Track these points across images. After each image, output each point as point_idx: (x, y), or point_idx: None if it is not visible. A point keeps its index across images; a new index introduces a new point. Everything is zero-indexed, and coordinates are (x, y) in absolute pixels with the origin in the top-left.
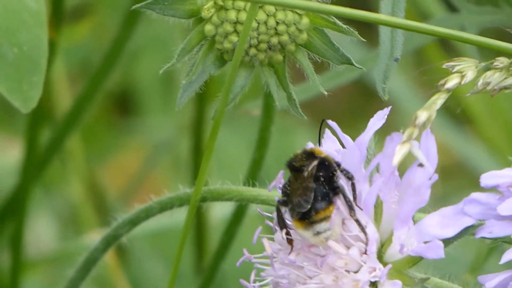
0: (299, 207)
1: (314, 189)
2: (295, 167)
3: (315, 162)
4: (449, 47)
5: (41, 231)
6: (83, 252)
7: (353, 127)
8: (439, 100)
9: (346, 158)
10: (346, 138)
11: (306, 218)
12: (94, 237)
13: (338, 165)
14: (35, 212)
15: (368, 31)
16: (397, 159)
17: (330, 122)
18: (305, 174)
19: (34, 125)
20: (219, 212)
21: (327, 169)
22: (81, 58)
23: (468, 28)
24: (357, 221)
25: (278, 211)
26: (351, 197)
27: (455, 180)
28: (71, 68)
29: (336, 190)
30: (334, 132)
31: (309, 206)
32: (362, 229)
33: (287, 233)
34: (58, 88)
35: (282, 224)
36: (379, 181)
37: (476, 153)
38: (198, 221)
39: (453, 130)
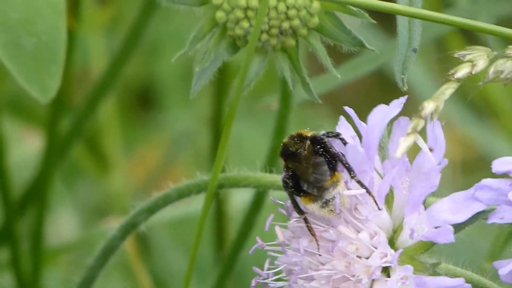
0: (318, 182)
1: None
2: (291, 153)
3: (307, 141)
4: (472, 36)
5: (64, 222)
6: (102, 241)
7: None
8: (448, 90)
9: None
10: (362, 125)
11: (316, 190)
12: (113, 225)
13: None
14: (59, 203)
15: (387, 23)
16: (400, 151)
17: (347, 108)
18: (305, 153)
19: (55, 114)
20: (239, 202)
21: (321, 143)
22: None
23: (487, 17)
24: (358, 182)
25: (292, 198)
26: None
27: (477, 174)
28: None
29: (335, 158)
30: (349, 119)
31: (328, 178)
32: (365, 188)
33: (306, 219)
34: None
35: (299, 210)
36: (395, 170)
37: (499, 147)
38: (218, 211)
39: (476, 124)
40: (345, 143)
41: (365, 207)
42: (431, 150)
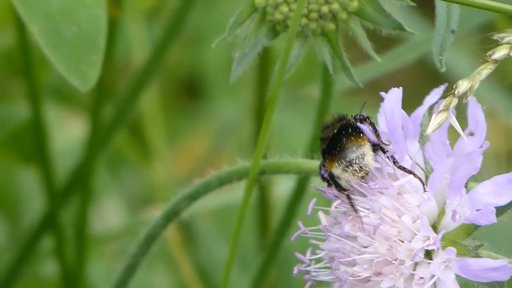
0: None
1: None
2: (326, 126)
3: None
4: None
5: (109, 211)
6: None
7: (415, 108)
8: (484, 70)
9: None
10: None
11: (338, 150)
12: (155, 213)
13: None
14: (103, 192)
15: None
16: (431, 128)
17: (383, 94)
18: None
19: (98, 101)
20: (282, 190)
21: (366, 121)
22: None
23: None
24: (400, 167)
25: (333, 180)
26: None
27: None
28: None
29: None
30: None
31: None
32: (410, 173)
33: (348, 196)
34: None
35: (341, 188)
36: (449, 160)
37: None
38: (261, 199)
39: None
40: (374, 126)
41: (413, 195)
42: (472, 134)
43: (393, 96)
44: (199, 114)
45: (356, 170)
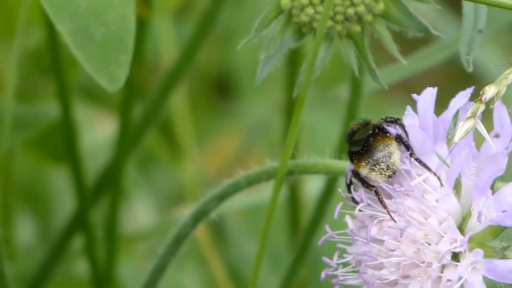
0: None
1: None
2: (353, 131)
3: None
4: None
5: (140, 210)
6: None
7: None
8: (511, 75)
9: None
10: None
11: (365, 149)
12: (185, 213)
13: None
14: (134, 191)
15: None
16: (458, 135)
17: (414, 96)
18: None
19: (128, 101)
20: (313, 189)
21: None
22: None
23: None
24: (417, 159)
25: (359, 177)
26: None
27: None
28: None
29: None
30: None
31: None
32: (426, 167)
33: (376, 191)
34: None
35: (368, 184)
36: (463, 154)
37: None
38: (292, 198)
39: None
40: (403, 128)
41: (433, 194)
42: (497, 135)
43: (427, 97)
44: (229, 113)
45: (383, 169)
